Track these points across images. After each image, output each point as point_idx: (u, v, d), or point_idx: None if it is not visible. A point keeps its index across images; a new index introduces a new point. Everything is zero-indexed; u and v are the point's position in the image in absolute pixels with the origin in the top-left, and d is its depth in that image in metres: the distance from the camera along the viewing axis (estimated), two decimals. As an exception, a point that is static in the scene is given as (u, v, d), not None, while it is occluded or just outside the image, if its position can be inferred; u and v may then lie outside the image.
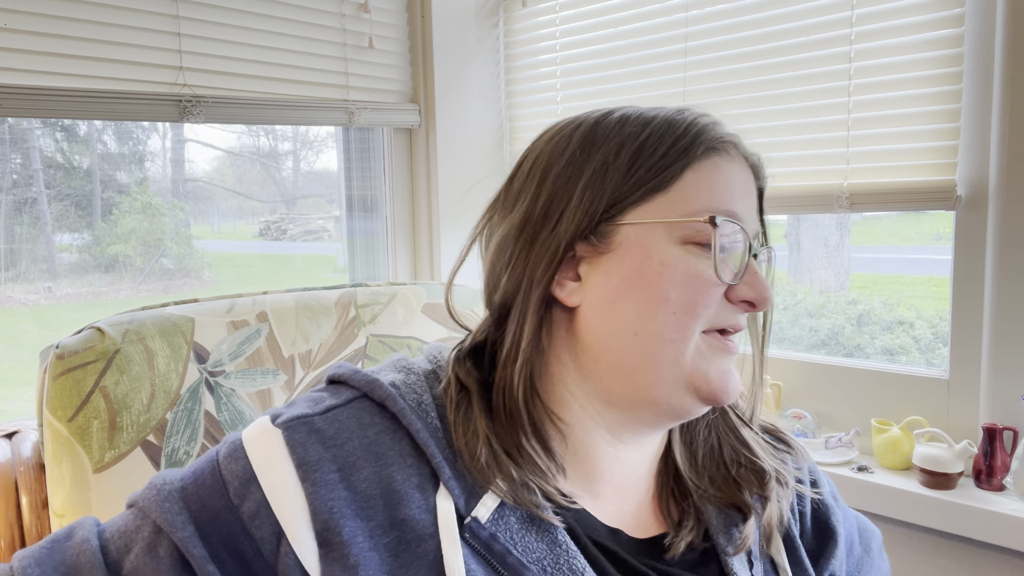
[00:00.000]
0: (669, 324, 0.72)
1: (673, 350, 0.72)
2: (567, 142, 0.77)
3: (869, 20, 1.59)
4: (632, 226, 0.73)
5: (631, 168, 0.73)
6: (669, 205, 0.73)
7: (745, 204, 0.76)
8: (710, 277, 0.72)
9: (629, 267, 0.73)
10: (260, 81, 1.84)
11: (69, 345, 1.03)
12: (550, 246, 0.74)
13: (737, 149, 0.78)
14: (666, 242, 0.73)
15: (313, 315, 1.22)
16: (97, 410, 1.02)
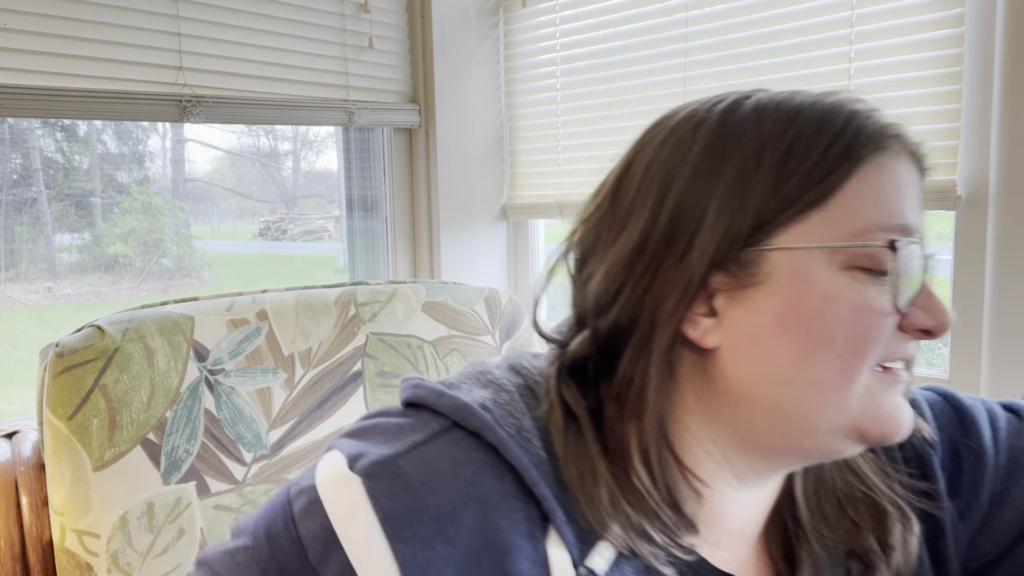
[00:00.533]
0: (832, 368, 0.59)
1: (837, 396, 0.60)
2: (689, 145, 0.63)
3: (869, 20, 1.59)
4: (784, 252, 0.59)
5: (779, 179, 0.60)
6: (829, 223, 0.59)
7: (915, 209, 0.63)
8: (884, 309, 0.59)
9: (782, 302, 0.59)
10: (260, 81, 1.84)
11: (69, 343, 1.03)
12: (680, 279, 0.60)
13: (902, 141, 0.63)
14: (827, 269, 0.59)
15: (313, 313, 1.22)
16: (97, 408, 1.02)
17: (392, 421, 0.65)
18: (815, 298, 0.59)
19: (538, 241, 2.35)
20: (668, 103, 1.85)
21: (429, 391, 0.65)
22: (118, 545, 1.01)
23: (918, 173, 0.64)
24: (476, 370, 0.69)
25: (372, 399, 1.24)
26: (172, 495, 1.06)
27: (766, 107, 0.62)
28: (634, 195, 0.64)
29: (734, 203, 0.60)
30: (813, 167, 0.59)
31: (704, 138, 0.62)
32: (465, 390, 0.66)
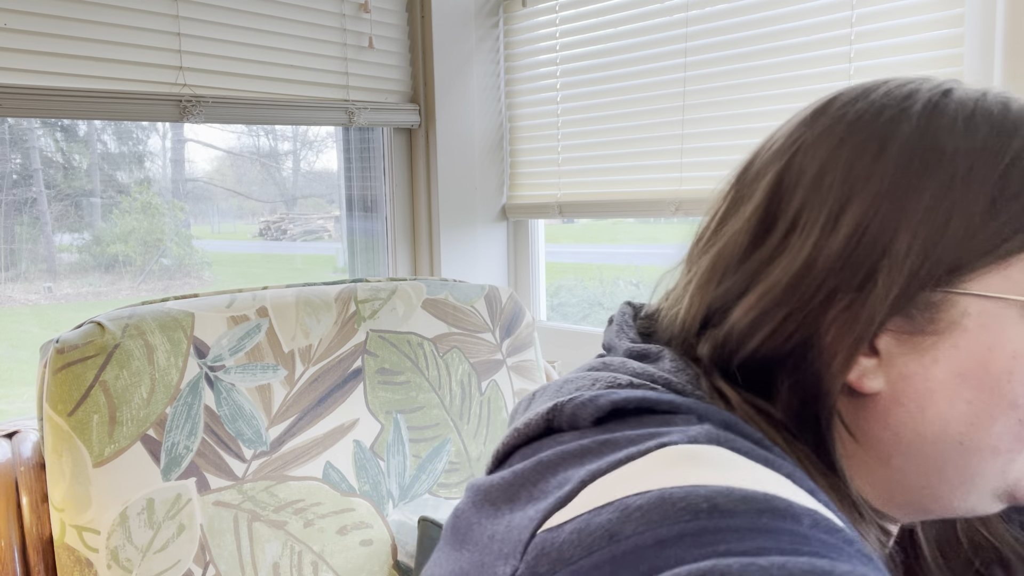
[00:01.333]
0: (1011, 434, 0.52)
1: (1004, 462, 0.53)
2: (876, 151, 0.52)
3: (869, 20, 1.59)
4: (977, 299, 0.50)
5: (990, 210, 0.50)
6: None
7: None
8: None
9: (967, 357, 0.51)
10: (260, 81, 1.84)
11: (69, 339, 1.03)
12: (856, 317, 0.51)
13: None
14: (1019, 324, 0.51)
15: (313, 310, 1.22)
16: (97, 404, 1.02)
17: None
18: (1006, 357, 0.51)
19: (538, 241, 2.35)
20: (668, 103, 1.86)
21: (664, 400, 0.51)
22: (118, 541, 1.01)
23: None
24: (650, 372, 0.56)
25: (372, 396, 1.24)
26: (172, 491, 1.05)
27: (975, 112, 0.52)
28: (800, 205, 0.54)
29: (932, 233, 0.50)
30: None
31: (899, 144, 0.52)
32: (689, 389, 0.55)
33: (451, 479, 1.31)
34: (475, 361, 1.36)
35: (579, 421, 0.52)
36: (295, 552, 1.13)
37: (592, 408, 0.51)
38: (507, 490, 0.49)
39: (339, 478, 1.19)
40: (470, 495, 0.53)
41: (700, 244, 0.61)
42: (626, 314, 0.67)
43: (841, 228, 0.51)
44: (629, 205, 2.00)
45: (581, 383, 0.56)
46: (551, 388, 0.59)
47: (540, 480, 0.48)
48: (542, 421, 0.53)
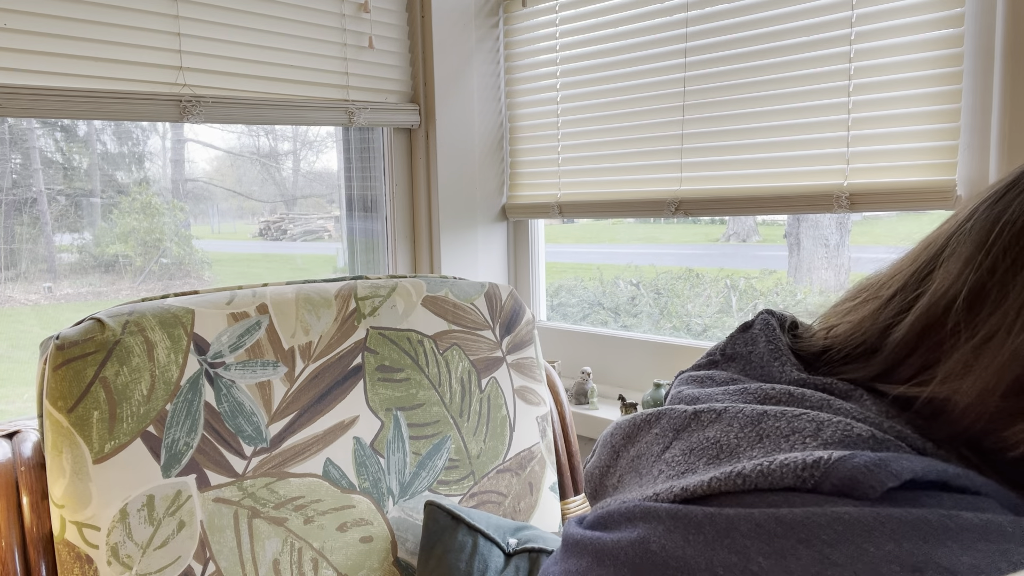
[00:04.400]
0: None
1: None
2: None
3: (869, 20, 1.59)
4: None
5: None
6: None
7: None
8: None
9: None
10: (260, 81, 1.84)
11: (69, 336, 1.03)
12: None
13: None
14: None
15: (313, 307, 1.22)
16: (97, 401, 1.02)
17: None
18: None
19: (538, 241, 2.35)
20: (668, 103, 1.86)
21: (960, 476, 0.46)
22: (118, 537, 1.01)
23: None
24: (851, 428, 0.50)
25: (372, 393, 1.24)
26: (172, 488, 1.05)
27: None
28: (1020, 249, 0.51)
29: None
30: None
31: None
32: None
33: (451, 476, 1.31)
34: (475, 358, 1.36)
35: (861, 488, 0.44)
36: (295, 549, 1.13)
37: (884, 475, 0.44)
38: (770, 541, 0.44)
39: (339, 475, 1.19)
40: (669, 527, 0.48)
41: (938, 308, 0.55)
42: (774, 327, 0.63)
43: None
44: (629, 205, 2.00)
45: (796, 424, 0.51)
46: (736, 419, 0.54)
47: (842, 543, 0.42)
48: (790, 475, 0.47)
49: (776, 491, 0.46)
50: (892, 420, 0.51)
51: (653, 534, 0.48)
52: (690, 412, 0.57)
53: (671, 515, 0.48)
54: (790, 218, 2.13)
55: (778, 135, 1.73)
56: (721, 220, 2.99)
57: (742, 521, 0.45)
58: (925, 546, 0.40)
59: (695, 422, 0.56)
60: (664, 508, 0.49)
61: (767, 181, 1.75)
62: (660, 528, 0.48)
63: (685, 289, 2.50)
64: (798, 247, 2.10)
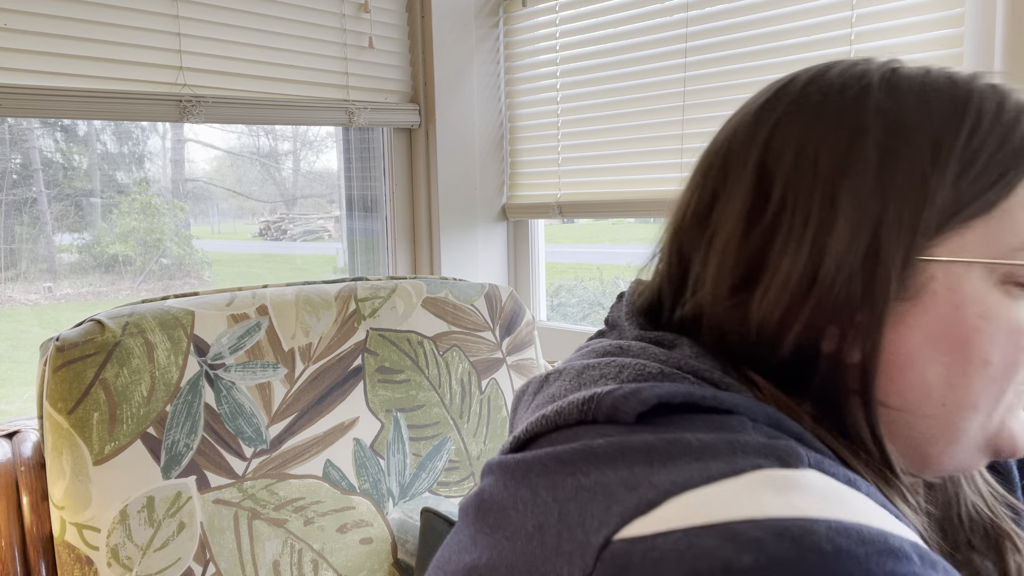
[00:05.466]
0: (986, 392, 0.54)
1: (983, 417, 0.55)
2: (851, 130, 0.54)
3: (869, 20, 1.59)
4: (942, 264, 0.53)
5: (957, 180, 0.52)
6: (994, 233, 0.53)
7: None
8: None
9: (937, 320, 0.53)
10: (260, 81, 1.84)
11: (69, 337, 1.03)
12: (872, 297, 0.53)
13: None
14: (984, 284, 0.53)
15: (313, 309, 1.22)
16: (97, 402, 1.02)
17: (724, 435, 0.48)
18: (972, 317, 0.53)
19: (538, 241, 2.35)
20: (668, 103, 1.86)
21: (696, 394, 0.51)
22: (118, 539, 1.01)
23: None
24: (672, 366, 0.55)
25: (372, 395, 1.24)
26: (172, 489, 1.06)
27: (925, 88, 0.54)
28: (784, 187, 0.55)
29: (911, 207, 0.52)
30: (985, 166, 0.52)
31: (872, 122, 0.54)
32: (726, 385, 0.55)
33: (451, 477, 1.31)
34: (475, 360, 1.36)
35: (620, 415, 0.50)
36: (295, 550, 1.13)
37: (635, 402, 0.50)
38: (549, 476, 0.48)
39: (339, 476, 1.19)
40: (497, 476, 0.52)
41: (683, 233, 0.62)
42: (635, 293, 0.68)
43: (839, 211, 0.53)
44: (629, 205, 2.00)
45: (606, 370, 0.55)
46: (568, 373, 0.58)
47: (593, 471, 0.47)
48: (575, 410, 0.52)
49: (570, 427, 0.52)
50: (698, 359, 0.55)
51: (486, 484, 0.52)
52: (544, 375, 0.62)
53: (499, 464, 0.53)
54: (790, 218, 2.13)
55: (778, 135, 1.73)
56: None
57: (535, 461, 0.50)
58: (648, 469, 0.45)
59: (546, 383, 0.61)
60: (496, 459, 0.54)
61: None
62: (492, 478, 0.52)
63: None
64: (798, 247, 2.10)
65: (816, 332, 0.54)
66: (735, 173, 0.58)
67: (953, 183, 0.52)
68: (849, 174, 0.53)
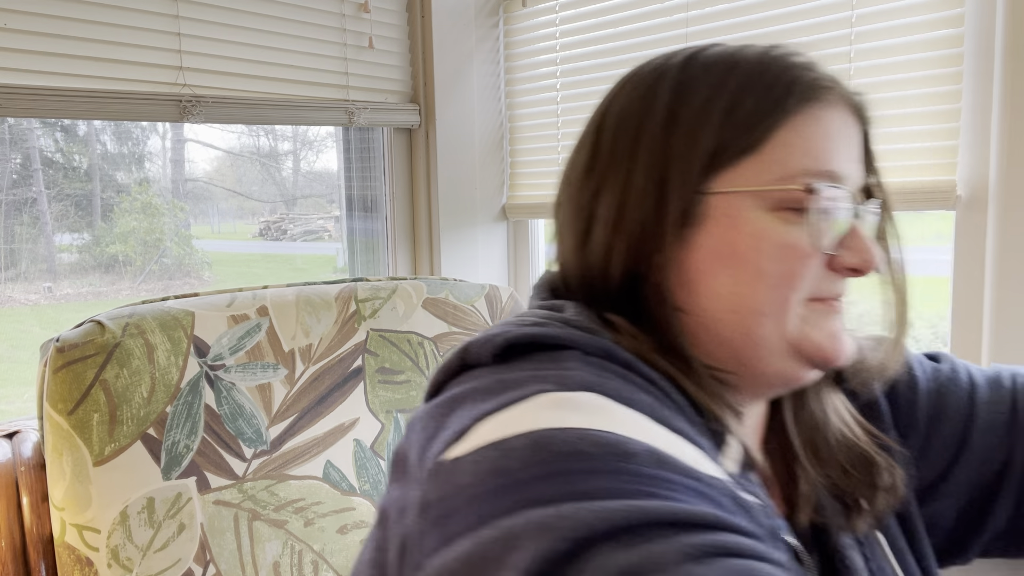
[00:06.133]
0: (768, 299, 0.66)
1: (773, 323, 0.66)
2: (653, 97, 0.68)
3: (869, 20, 1.59)
4: (719, 195, 0.66)
5: (721, 128, 0.65)
6: (760, 168, 0.65)
7: (848, 157, 0.68)
8: (807, 247, 0.65)
9: (718, 241, 0.66)
10: (260, 81, 1.84)
11: (69, 338, 1.03)
12: (664, 226, 0.66)
13: (836, 93, 0.68)
14: (757, 210, 0.65)
15: (313, 309, 1.22)
16: (97, 403, 1.02)
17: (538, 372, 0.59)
18: (745, 236, 0.65)
19: (538, 241, 2.35)
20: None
21: (528, 332, 0.63)
22: (118, 540, 1.01)
23: (857, 124, 0.70)
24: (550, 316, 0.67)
25: (372, 395, 1.24)
26: (172, 490, 1.06)
27: (714, 62, 0.68)
28: (610, 147, 0.71)
29: (689, 151, 0.66)
30: (748, 116, 0.65)
31: (666, 90, 0.68)
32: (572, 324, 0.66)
33: (451, 479, 1.30)
34: (475, 361, 1.36)
35: (482, 358, 0.63)
36: (295, 551, 1.13)
37: (490, 346, 0.63)
38: (428, 423, 0.59)
39: (339, 477, 1.19)
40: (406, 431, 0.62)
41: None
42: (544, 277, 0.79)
43: (639, 159, 0.68)
44: (629, 205, 2.00)
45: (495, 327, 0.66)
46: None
47: (450, 414, 0.58)
48: (456, 359, 0.65)
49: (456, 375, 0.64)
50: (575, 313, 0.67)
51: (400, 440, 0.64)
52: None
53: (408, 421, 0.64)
54: (790, 218, 2.13)
55: (778, 135, 1.73)
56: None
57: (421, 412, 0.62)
58: (478, 404, 0.56)
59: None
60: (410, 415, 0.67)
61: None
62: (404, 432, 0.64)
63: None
64: (798, 247, 2.10)
65: (633, 262, 0.68)
66: (583, 136, 0.75)
67: (719, 131, 0.65)
68: (645, 129, 0.68)
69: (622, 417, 0.53)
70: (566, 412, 0.52)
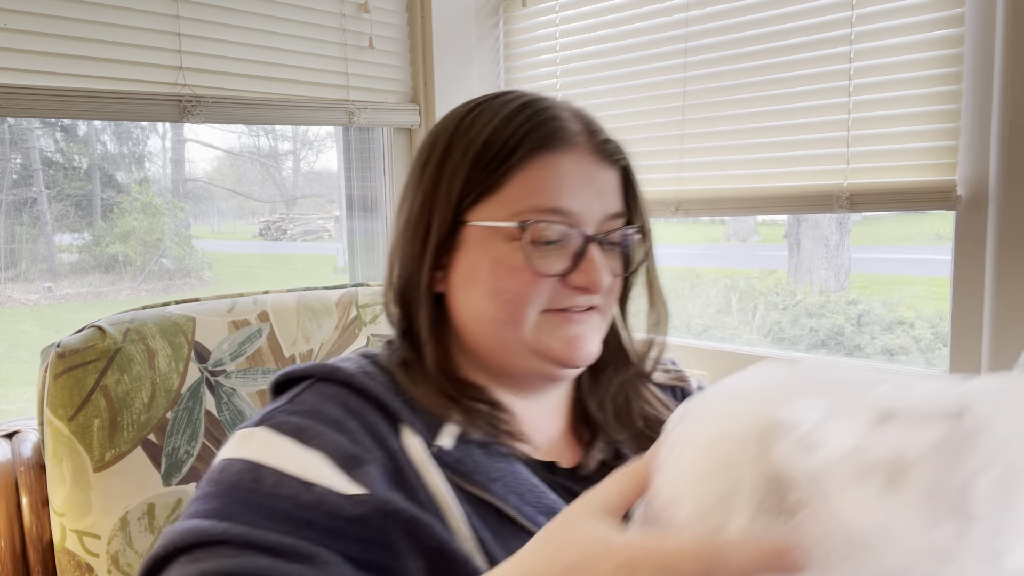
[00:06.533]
0: (504, 311, 0.81)
1: (510, 331, 0.82)
2: (433, 141, 0.86)
3: (869, 20, 1.59)
4: (470, 227, 0.82)
5: (470, 172, 0.82)
6: (499, 206, 0.81)
7: (583, 195, 0.82)
8: (533, 271, 0.80)
9: (472, 263, 0.83)
10: (260, 81, 1.84)
11: (70, 344, 1.03)
12: (425, 248, 0.84)
13: (576, 142, 0.84)
14: (499, 239, 0.81)
15: (314, 315, 1.22)
16: (98, 409, 1.02)
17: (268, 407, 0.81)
18: (488, 261, 0.81)
19: (538, 241, 2.34)
20: (668, 103, 1.86)
21: (289, 368, 0.86)
22: (118, 546, 1.01)
23: (603, 165, 0.87)
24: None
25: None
26: (173, 496, 1.06)
27: (481, 111, 0.84)
28: (409, 176, 0.89)
29: (448, 190, 0.82)
30: (488, 163, 0.81)
31: (444, 136, 0.85)
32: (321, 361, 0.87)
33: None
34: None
35: (273, 388, 0.87)
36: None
37: (274, 380, 0.86)
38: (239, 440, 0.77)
39: (340, 481, 1.19)
40: None
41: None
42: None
43: (415, 196, 0.86)
44: (629, 205, 2.00)
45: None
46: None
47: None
48: (271, 387, 0.87)
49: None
50: (391, 353, 0.88)
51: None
52: None
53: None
54: (790, 218, 2.14)
55: (778, 135, 1.73)
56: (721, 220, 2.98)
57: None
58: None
59: None
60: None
61: (767, 181, 1.75)
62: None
63: (685, 289, 2.50)
64: (798, 247, 2.10)
65: (418, 281, 0.86)
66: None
67: (467, 175, 0.81)
68: (424, 171, 0.85)
69: (276, 449, 0.73)
70: (244, 444, 0.74)
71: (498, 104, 0.84)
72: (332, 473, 0.70)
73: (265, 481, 0.69)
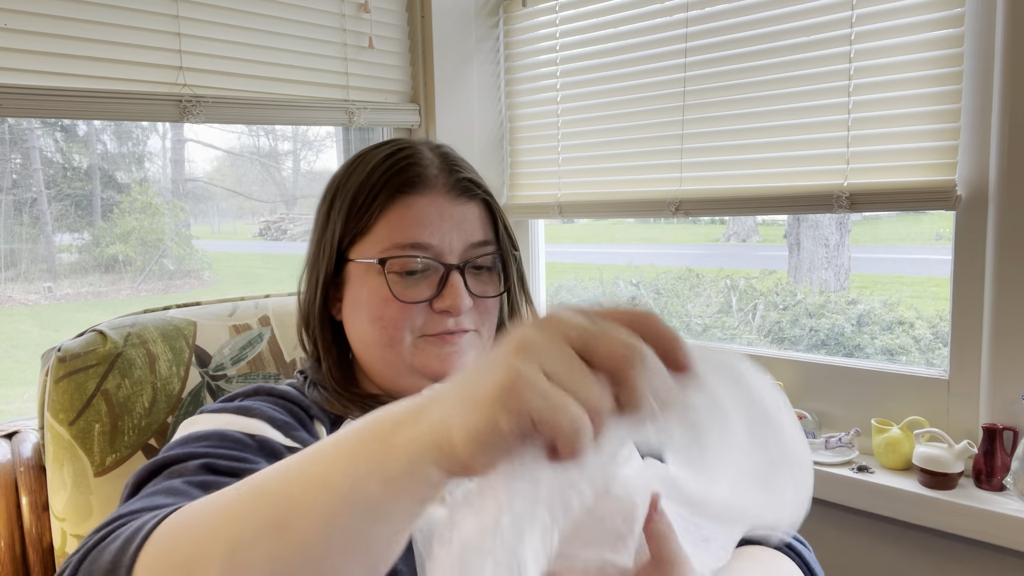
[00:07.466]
0: (383, 336, 0.92)
1: (391, 352, 0.92)
2: (327, 188, 0.99)
3: (869, 20, 1.59)
4: (351, 264, 0.94)
5: (347, 217, 0.93)
6: (371, 244, 0.92)
7: (441, 229, 0.92)
8: (401, 299, 0.91)
9: (355, 294, 0.94)
10: (260, 81, 1.84)
11: (71, 348, 1.03)
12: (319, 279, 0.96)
13: (431, 183, 0.93)
14: (375, 273, 0.92)
15: (314, 318, 1.22)
16: (98, 413, 1.02)
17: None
18: (366, 292, 0.92)
19: (538, 241, 2.35)
20: (668, 103, 1.86)
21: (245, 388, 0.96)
22: (121, 550, 1.01)
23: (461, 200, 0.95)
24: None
25: (373, 402, 1.24)
26: (174, 500, 1.06)
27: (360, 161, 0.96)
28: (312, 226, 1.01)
29: (333, 231, 0.94)
30: (359, 209, 0.92)
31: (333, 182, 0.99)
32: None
33: (452, 483, 1.31)
34: (476, 365, 1.36)
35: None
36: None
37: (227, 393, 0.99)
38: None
39: (341, 484, 1.19)
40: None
41: None
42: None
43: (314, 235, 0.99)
44: (629, 205, 2.00)
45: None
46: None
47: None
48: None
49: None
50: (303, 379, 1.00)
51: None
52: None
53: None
54: (790, 218, 2.13)
55: (778, 135, 1.73)
56: (721, 220, 2.98)
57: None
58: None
59: None
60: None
61: (767, 181, 1.75)
62: None
63: (685, 289, 2.50)
64: (798, 247, 2.10)
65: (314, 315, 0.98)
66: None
67: (345, 219, 0.93)
68: (319, 215, 0.98)
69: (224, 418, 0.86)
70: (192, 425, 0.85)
71: (373, 154, 0.96)
72: (272, 432, 0.85)
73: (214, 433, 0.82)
